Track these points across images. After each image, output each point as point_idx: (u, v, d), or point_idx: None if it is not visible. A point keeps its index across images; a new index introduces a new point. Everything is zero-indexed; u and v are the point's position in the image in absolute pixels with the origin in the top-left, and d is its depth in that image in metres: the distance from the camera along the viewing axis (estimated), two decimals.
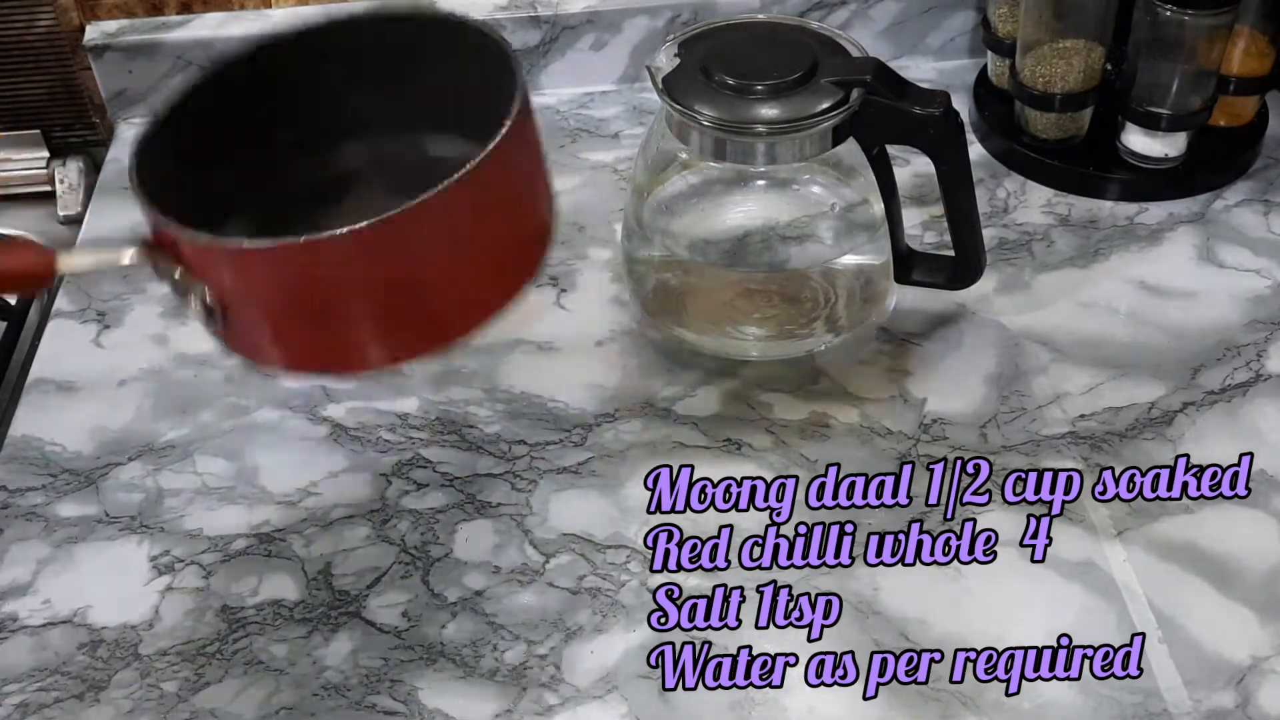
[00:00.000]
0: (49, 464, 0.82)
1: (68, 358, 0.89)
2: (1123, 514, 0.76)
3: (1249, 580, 0.72)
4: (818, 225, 0.87)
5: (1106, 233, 0.95)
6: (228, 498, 0.79)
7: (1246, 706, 0.66)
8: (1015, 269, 0.92)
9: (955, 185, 0.80)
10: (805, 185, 0.88)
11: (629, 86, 1.10)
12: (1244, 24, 0.94)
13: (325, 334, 0.62)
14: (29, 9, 1.05)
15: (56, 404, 0.86)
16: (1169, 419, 0.81)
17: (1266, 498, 0.76)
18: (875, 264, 0.86)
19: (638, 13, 1.07)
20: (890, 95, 0.78)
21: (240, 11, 1.07)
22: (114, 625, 0.72)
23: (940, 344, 0.87)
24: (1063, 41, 0.95)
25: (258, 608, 0.73)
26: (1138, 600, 0.71)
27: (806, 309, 0.86)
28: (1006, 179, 1.00)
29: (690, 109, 0.78)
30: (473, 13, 0.67)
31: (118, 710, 0.69)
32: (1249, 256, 0.93)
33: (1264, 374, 0.84)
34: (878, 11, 1.09)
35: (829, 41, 0.81)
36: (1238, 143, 1.00)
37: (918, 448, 0.80)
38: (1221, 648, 0.69)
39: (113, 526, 0.78)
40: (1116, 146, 0.99)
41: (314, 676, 0.69)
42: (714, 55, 0.80)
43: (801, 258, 0.87)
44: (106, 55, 1.05)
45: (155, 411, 0.85)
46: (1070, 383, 0.84)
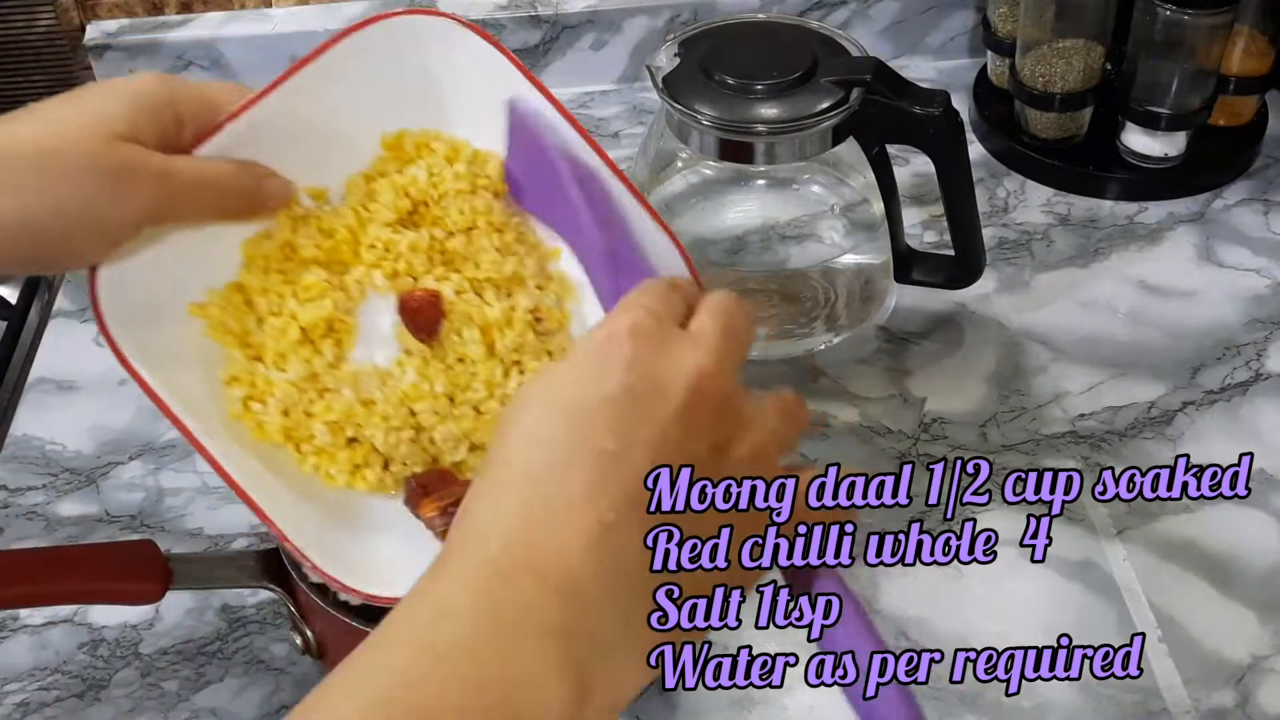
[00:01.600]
0: (49, 463, 0.82)
1: (68, 357, 0.89)
2: (1123, 514, 0.76)
3: (1249, 580, 0.72)
4: (818, 225, 0.87)
5: (1106, 232, 0.95)
6: (228, 497, 0.79)
7: (1246, 706, 0.66)
8: (1015, 268, 0.92)
9: (955, 185, 0.80)
10: (805, 185, 0.88)
11: (629, 86, 1.10)
12: (1244, 24, 0.94)
13: None
14: (29, 9, 1.05)
15: (57, 403, 0.86)
16: (1169, 418, 0.81)
17: (1266, 498, 0.76)
18: (875, 263, 0.86)
19: (638, 12, 1.07)
20: (890, 95, 0.78)
21: (240, 11, 1.07)
22: (114, 624, 0.72)
23: (940, 344, 0.87)
24: (1063, 41, 0.95)
25: (258, 607, 0.73)
26: (1138, 600, 0.71)
27: (806, 308, 0.86)
28: (1006, 178, 1.00)
29: (690, 108, 0.78)
30: (473, 12, 0.67)
31: (118, 709, 0.69)
32: (1249, 256, 0.93)
33: (1264, 373, 0.84)
34: (878, 11, 1.09)
35: (829, 41, 0.81)
36: (1237, 142, 1.00)
37: (918, 447, 0.80)
38: (1221, 647, 0.69)
39: (113, 526, 0.78)
40: (1116, 146, 0.99)
41: (314, 676, 0.69)
42: (714, 55, 0.80)
43: (801, 257, 0.87)
44: (107, 55, 1.05)
45: (155, 411, 0.84)
46: (1070, 382, 0.84)
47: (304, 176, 0.58)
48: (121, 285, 0.54)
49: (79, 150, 0.50)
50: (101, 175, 0.50)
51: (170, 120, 0.54)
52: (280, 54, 1.05)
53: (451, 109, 0.60)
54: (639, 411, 0.40)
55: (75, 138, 0.50)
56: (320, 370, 0.56)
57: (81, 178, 0.50)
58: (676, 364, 0.42)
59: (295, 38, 1.04)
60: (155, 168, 0.52)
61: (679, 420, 0.41)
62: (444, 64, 0.59)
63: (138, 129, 0.52)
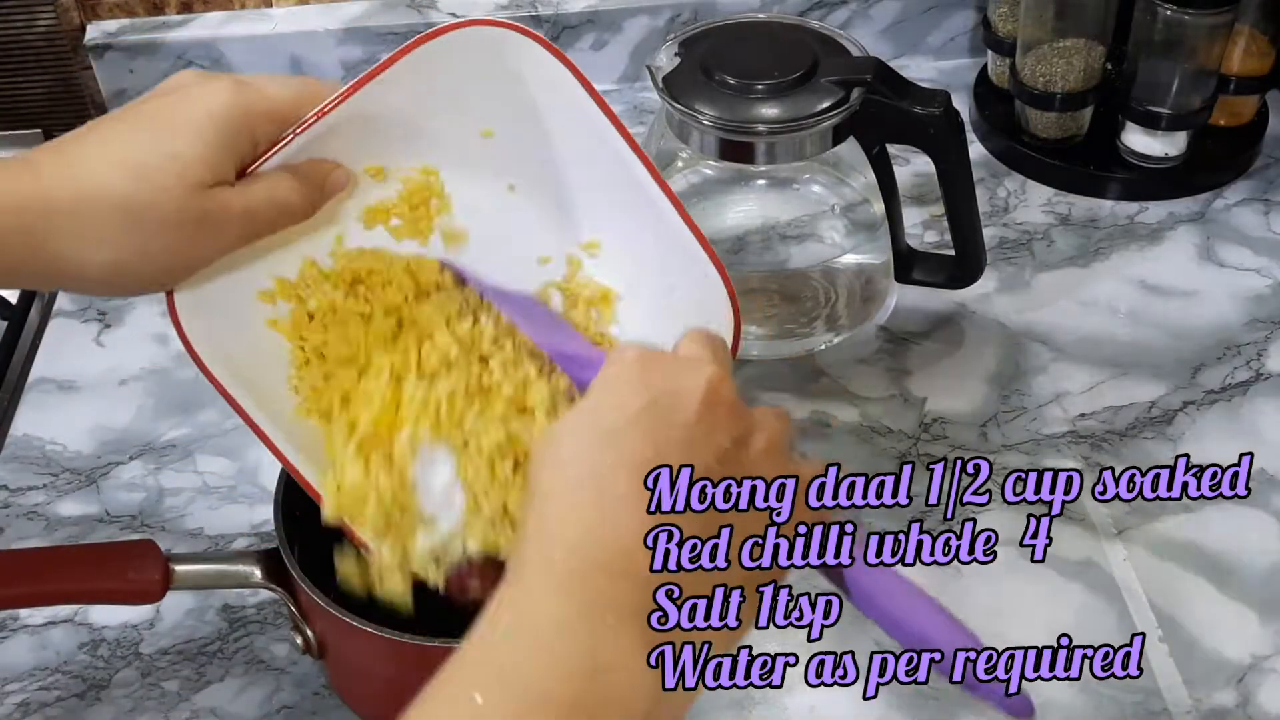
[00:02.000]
0: (50, 463, 0.82)
1: (69, 357, 0.89)
2: (1123, 514, 0.76)
3: (1249, 579, 0.72)
4: (818, 225, 0.87)
5: (1107, 232, 0.95)
6: (229, 497, 0.79)
7: (1246, 705, 0.66)
8: (1015, 268, 0.92)
9: (955, 184, 0.80)
10: (805, 185, 0.88)
11: (629, 86, 1.10)
12: (1244, 23, 0.94)
13: None
14: (29, 8, 1.05)
15: (57, 403, 0.86)
16: (1169, 418, 0.81)
17: (1266, 497, 0.76)
18: (875, 263, 0.86)
19: (638, 12, 1.07)
20: (890, 95, 0.78)
21: (241, 11, 1.07)
22: (115, 624, 0.72)
23: (940, 343, 0.87)
24: (1063, 41, 0.95)
25: (258, 607, 0.73)
26: (1138, 600, 0.71)
27: (807, 308, 0.86)
28: (1007, 178, 1.00)
29: (691, 108, 0.78)
30: (474, 11, 0.67)
31: (119, 709, 0.69)
32: (1249, 256, 0.93)
33: (1264, 373, 0.84)
34: (878, 11, 1.09)
35: (829, 41, 0.81)
36: (1238, 142, 1.00)
37: (918, 447, 0.80)
38: (1221, 647, 0.69)
39: (114, 526, 0.78)
40: (1117, 146, 0.99)
41: (314, 676, 0.69)
42: (714, 55, 0.80)
43: (802, 257, 0.87)
44: (107, 55, 1.05)
45: (156, 410, 0.85)
46: (1070, 382, 0.84)
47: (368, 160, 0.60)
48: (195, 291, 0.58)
49: (166, 206, 0.52)
50: (188, 226, 0.53)
51: (248, 148, 0.55)
52: (280, 54, 1.05)
53: (531, 121, 0.60)
54: (667, 419, 0.45)
55: (161, 191, 0.51)
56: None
57: (170, 231, 0.52)
58: (687, 376, 0.46)
59: (295, 37, 1.04)
60: (238, 211, 0.54)
61: (702, 422, 0.45)
62: (532, 81, 0.59)
63: (220, 171, 0.53)
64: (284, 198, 0.56)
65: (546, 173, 0.62)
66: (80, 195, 0.51)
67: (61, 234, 0.51)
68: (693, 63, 0.80)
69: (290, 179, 0.56)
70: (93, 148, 0.53)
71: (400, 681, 0.63)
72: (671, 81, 0.79)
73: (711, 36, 0.82)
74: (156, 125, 0.53)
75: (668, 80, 0.79)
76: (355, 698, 0.67)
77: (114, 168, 0.52)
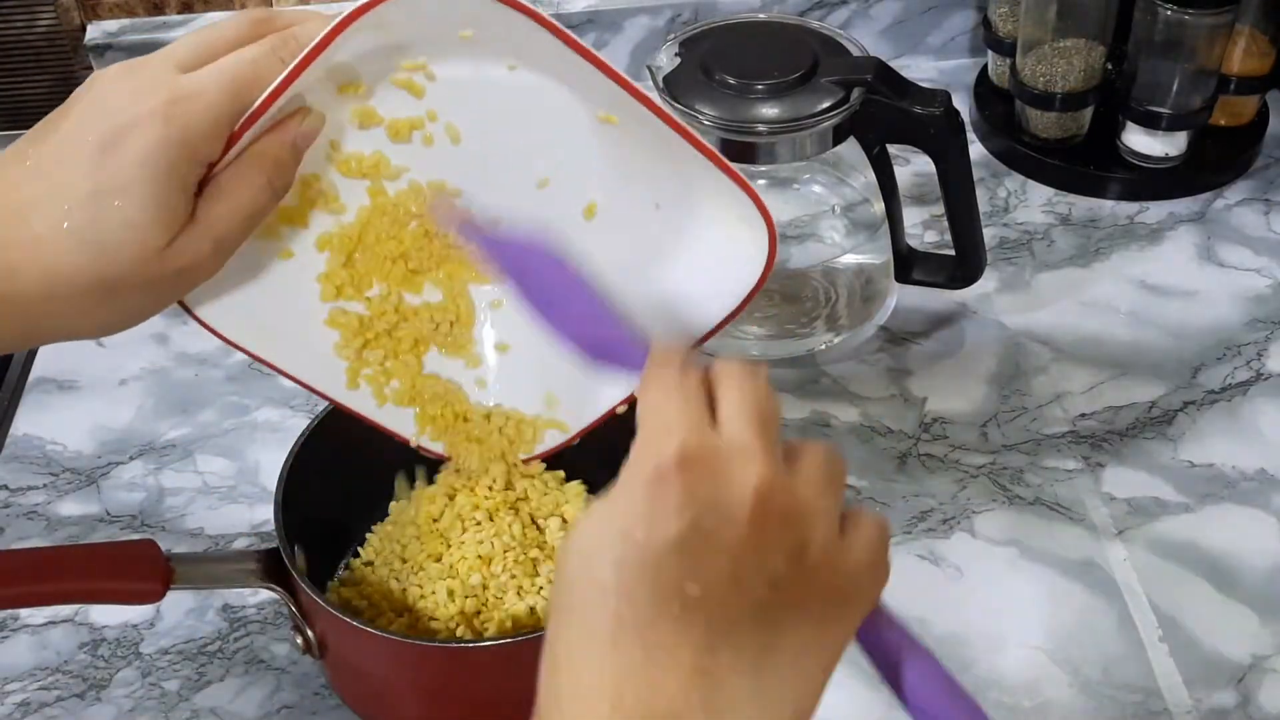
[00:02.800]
0: (50, 463, 0.82)
1: (69, 356, 0.89)
2: (1123, 514, 0.76)
3: (1249, 580, 0.72)
4: (818, 225, 0.87)
5: (1107, 232, 0.95)
6: (229, 497, 0.79)
7: (1247, 706, 0.66)
8: (1016, 268, 0.92)
9: (956, 184, 0.80)
10: (806, 184, 0.88)
11: None
12: (1244, 23, 0.94)
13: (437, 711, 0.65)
14: (30, 8, 1.05)
15: (57, 403, 0.86)
16: (1169, 418, 0.81)
17: (1266, 498, 0.76)
18: (876, 263, 0.86)
19: (638, 12, 1.07)
20: (891, 94, 0.78)
21: (241, 11, 1.07)
22: (115, 624, 0.72)
23: (940, 343, 0.87)
24: (1063, 41, 0.95)
25: (258, 607, 0.73)
26: (1138, 600, 0.71)
27: (807, 308, 0.86)
28: (1007, 178, 1.00)
29: (691, 108, 0.78)
30: None
31: (119, 709, 0.69)
32: (1249, 256, 0.93)
33: (1264, 373, 0.84)
34: (878, 11, 1.09)
35: (829, 41, 0.81)
36: (1238, 142, 1.00)
37: (918, 447, 0.80)
38: (1222, 647, 0.69)
39: (114, 525, 0.78)
40: (1117, 146, 0.99)
41: (314, 676, 0.69)
42: (714, 54, 0.80)
43: (802, 257, 0.87)
44: (108, 55, 1.05)
45: (156, 410, 0.85)
46: (1071, 382, 0.84)
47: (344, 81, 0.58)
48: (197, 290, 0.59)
49: (136, 276, 0.51)
50: (166, 282, 0.52)
51: (195, 176, 0.52)
52: None
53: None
54: (710, 545, 0.40)
55: (126, 264, 0.50)
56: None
57: (150, 291, 0.52)
58: (734, 486, 0.41)
59: None
60: (208, 251, 0.52)
61: (751, 544, 0.40)
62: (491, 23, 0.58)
63: (175, 219, 0.51)
64: (250, 203, 0.53)
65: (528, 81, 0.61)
66: (52, 281, 0.50)
67: (44, 317, 0.51)
68: (693, 63, 0.80)
69: (250, 174, 0.53)
70: (46, 220, 0.50)
71: (400, 682, 0.63)
72: (672, 81, 0.79)
73: (712, 36, 0.82)
74: (98, 183, 0.50)
75: (668, 80, 0.79)
76: (355, 698, 0.67)
77: (77, 247, 0.50)
